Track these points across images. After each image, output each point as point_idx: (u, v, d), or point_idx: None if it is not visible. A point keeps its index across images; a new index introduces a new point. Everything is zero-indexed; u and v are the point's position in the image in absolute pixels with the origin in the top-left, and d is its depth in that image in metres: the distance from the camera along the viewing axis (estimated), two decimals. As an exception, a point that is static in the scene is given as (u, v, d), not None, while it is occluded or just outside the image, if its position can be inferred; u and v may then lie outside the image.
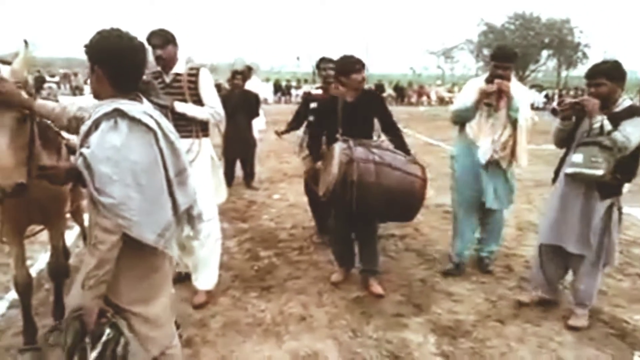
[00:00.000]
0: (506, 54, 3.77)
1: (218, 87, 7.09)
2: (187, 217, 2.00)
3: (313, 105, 4.52)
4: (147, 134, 1.71)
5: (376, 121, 3.85)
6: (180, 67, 3.37)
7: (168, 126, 1.84)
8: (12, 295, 3.34)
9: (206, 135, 3.51)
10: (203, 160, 3.45)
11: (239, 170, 7.33)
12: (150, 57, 3.28)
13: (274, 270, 4.19)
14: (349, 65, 3.58)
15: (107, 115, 1.67)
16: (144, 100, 1.87)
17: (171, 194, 1.82)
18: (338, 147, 3.35)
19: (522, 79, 33.01)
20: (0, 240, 2.77)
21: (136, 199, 1.67)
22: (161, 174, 1.75)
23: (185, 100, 3.33)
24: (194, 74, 3.36)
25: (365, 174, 3.26)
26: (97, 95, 1.82)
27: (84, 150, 1.67)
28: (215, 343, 3.04)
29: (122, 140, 1.65)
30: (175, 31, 3.38)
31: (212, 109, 3.39)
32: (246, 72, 7.86)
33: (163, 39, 3.30)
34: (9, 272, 3.07)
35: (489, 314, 3.44)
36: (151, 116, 1.75)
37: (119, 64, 1.75)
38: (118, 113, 1.68)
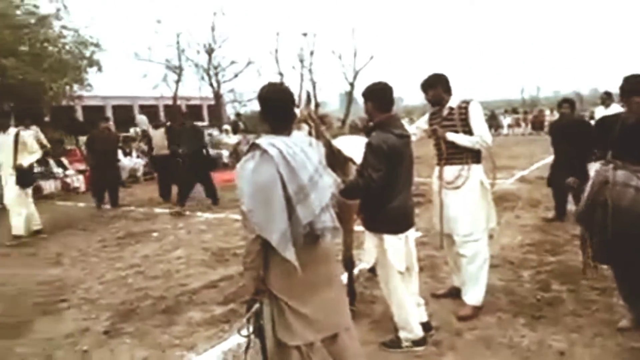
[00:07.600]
0: None
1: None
2: (309, 229, 2.25)
3: None
4: (271, 161, 2.17)
5: None
6: (453, 102, 3.85)
7: (291, 152, 2.22)
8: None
9: (477, 162, 3.83)
10: (472, 185, 3.79)
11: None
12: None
13: (558, 303, 4.00)
14: (627, 85, 3.24)
15: (251, 147, 2.28)
16: (293, 133, 2.40)
17: (292, 208, 2.19)
18: (594, 167, 3.18)
19: None
20: None
21: (261, 209, 2.16)
22: (280, 192, 2.16)
23: (456, 131, 3.77)
24: (464, 107, 3.80)
25: (620, 198, 2.96)
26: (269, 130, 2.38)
27: None
28: (459, 351, 3.32)
29: (254, 166, 2.20)
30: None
31: (479, 137, 3.73)
32: (575, 100, 7.37)
33: (426, 85, 3.93)
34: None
35: None
36: (276, 147, 2.20)
37: (269, 110, 2.38)
38: (255, 146, 2.25)
